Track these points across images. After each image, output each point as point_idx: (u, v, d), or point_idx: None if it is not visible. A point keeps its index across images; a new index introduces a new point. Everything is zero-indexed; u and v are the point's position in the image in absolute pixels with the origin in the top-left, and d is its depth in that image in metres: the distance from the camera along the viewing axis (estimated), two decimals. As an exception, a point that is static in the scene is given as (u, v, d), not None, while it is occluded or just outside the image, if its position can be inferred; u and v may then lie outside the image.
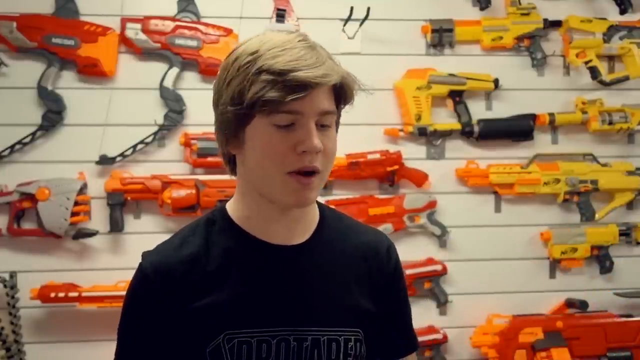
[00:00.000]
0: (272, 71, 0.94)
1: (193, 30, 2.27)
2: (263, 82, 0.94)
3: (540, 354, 2.28)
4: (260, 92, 0.94)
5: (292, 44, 0.98)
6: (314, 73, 0.94)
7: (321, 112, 0.97)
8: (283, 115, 0.95)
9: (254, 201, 1.03)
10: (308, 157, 0.96)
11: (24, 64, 2.23)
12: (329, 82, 0.96)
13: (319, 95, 0.96)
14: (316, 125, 0.97)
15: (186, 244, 1.05)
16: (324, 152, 0.97)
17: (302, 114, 0.95)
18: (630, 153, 2.51)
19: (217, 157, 2.25)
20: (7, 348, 2.14)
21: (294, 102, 0.94)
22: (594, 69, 2.42)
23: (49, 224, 2.15)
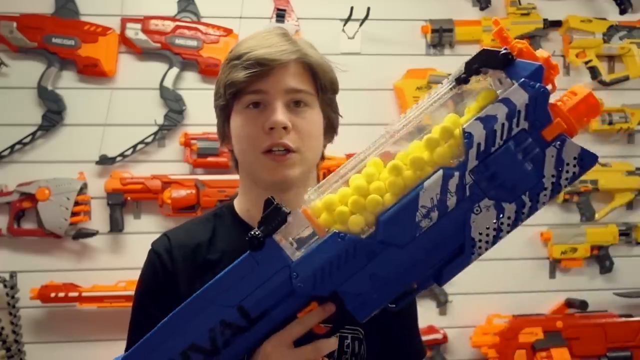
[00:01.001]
0: (236, 56, 1.01)
1: (193, 30, 2.27)
2: (230, 67, 1.01)
3: (540, 354, 2.28)
4: (227, 78, 1.01)
5: (263, 33, 1.04)
6: (269, 50, 0.98)
7: (287, 89, 1.00)
8: (249, 95, 1.00)
9: (252, 192, 1.06)
10: (276, 133, 0.98)
11: (24, 64, 2.23)
12: (284, 59, 0.98)
13: (284, 74, 0.99)
14: (288, 104, 1.00)
15: (193, 232, 1.08)
16: (297, 130, 1.00)
17: (266, 93, 0.99)
18: (630, 153, 2.51)
19: (217, 157, 2.27)
20: (7, 348, 2.14)
21: (258, 82, 0.99)
22: (594, 69, 2.42)
23: (49, 224, 2.15)
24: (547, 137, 0.76)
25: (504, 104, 0.76)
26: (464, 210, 0.77)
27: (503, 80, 0.78)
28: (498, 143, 0.76)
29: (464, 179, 0.77)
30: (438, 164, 0.78)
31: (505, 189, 0.77)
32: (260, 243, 0.80)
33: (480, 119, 0.77)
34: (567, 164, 0.77)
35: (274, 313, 0.81)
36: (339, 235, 0.78)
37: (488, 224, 0.78)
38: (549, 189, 0.77)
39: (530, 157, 0.76)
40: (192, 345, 0.82)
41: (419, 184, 0.77)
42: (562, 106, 0.78)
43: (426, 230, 0.77)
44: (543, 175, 0.77)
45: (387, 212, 0.78)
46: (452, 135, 0.78)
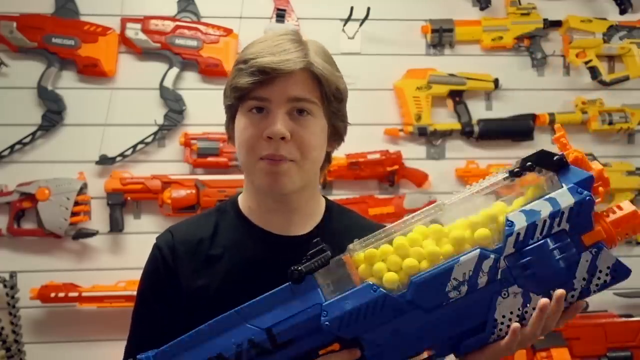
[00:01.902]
0: (243, 60, 1.01)
1: (193, 30, 2.27)
2: (236, 71, 1.02)
3: (540, 354, 2.28)
4: (232, 81, 1.02)
5: (275, 37, 1.03)
6: (273, 59, 0.98)
7: (289, 98, 0.99)
8: (251, 101, 1.00)
9: (254, 190, 1.08)
10: (274, 144, 0.99)
11: (24, 64, 2.23)
12: (288, 68, 0.98)
13: (288, 82, 0.99)
14: (291, 112, 1.00)
15: (196, 227, 1.10)
16: (296, 140, 1.00)
17: (269, 101, 0.99)
18: (630, 153, 2.51)
19: (217, 157, 2.27)
20: (7, 348, 2.14)
21: (261, 89, 0.99)
22: (594, 69, 2.42)
23: (49, 224, 2.15)
24: (586, 242, 0.82)
25: (550, 203, 0.82)
26: (492, 292, 0.82)
27: (554, 181, 0.85)
28: (537, 237, 0.82)
29: (498, 262, 0.82)
30: (477, 244, 0.84)
31: (535, 280, 0.82)
32: (301, 278, 0.85)
33: (524, 211, 0.83)
34: (600, 271, 0.83)
35: (299, 343, 0.86)
36: (372, 286, 0.83)
37: (513, 309, 0.83)
38: (577, 290, 0.83)
39: (565, 257, 0.82)
40: (219, 355, 0.87)
41: (456, 257, 0.83)
42: (606, 217, 0.84)
43: (453, 301, 0.82)
44: (575, 276, 0.82)
45: (420, 276, 0.83)
46: (496, 221, 0.84)
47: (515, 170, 0.86)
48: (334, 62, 1.07)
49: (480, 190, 0.87)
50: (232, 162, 2.23)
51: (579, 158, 0.84)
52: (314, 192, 1.11)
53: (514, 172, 0.86)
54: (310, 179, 1.06)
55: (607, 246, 0.83)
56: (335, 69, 1.06)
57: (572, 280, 0.82)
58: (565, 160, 0.84)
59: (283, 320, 0.86)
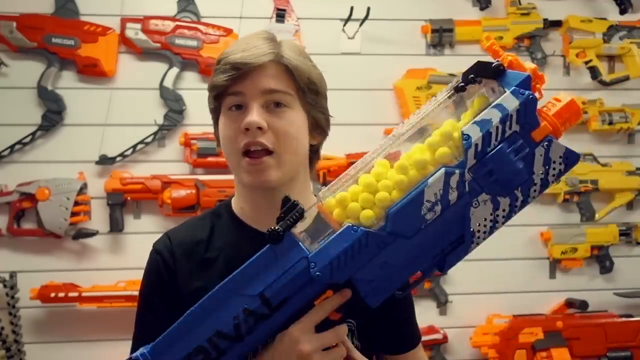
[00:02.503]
0: (217, 61, 1.06)
1: (193, 30, 2.27)
2: (214, 72, 1.06)
3: (540, 354, 2.28)
4: (210, 82, 1.07)
5: (247, 37, 1.08)
6: (244, 54, 1.02)
7: (263, 90, 1.03)
8: (229, 98, 1.04)
9: (243, 191, 1.10)
10: (251, 134, 1.01)
11: (24, 64, 2.23)
12: (258, 62, 1.02)
13: (260, 76, 1.03)
14: (267, 106, 1.03)
15: (193, 230, 1.12)
16: (274, 130, 1.02)
17: (244, 94, 1.03)
18: (630, 153, 2.51)
19: (217, 157, 2.27)
20: (7, 348, 2.14)
21: (236, 84, 1.03)
22: (594, 69, 2.42)
23: (49, 224, 2.15)
24: (536, 138, 0.86)
25: (498, 109, 0.85)
26: (464, 204, 0.86)
27: (496, 89, 0.88)
28: (493, 144, 0.85)
29: (463, 176, 0.85)
30: (439, 163, 0.86)
31: (500, 184, 0.86)
32: (280, 237, 0.87)
33: (477, 122, 0.85)
34: (554, 162, 0.87)
35: (293, 300, 0.88)
36: (352, 228, 0.85)
37: (485, 216, 0.87)
38: (538, 184, 0.87)
39: (521, 156, 0.86)
40: (218, 332, 0.88)
41: (424, 180, 0.85)
42: (548, 111, 0.88)
43: (431, 222, 0.85)
44: (533, 172, 0.86)
45: (395, 206, 0.85)
46: (452, 138, 0.87)
47: (459, 85, 0.88)
48: (308, 57, 1.09)
49: (430, 112, 0.90)
50: (232, 162, 2.23)
51: (513, 61, 0.87)
52: (303, 190, 1.12)
53: (458, 87, 0.88)
54: (294, 171, 1.08)
55: (555, 137, 0.87)
56: (308, 61, 1.08)
57: (531, 176, 0.86)
58: (502, 66, 0.87)
59: (273, 282, 0.87)
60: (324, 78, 1.11)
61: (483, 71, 0.87)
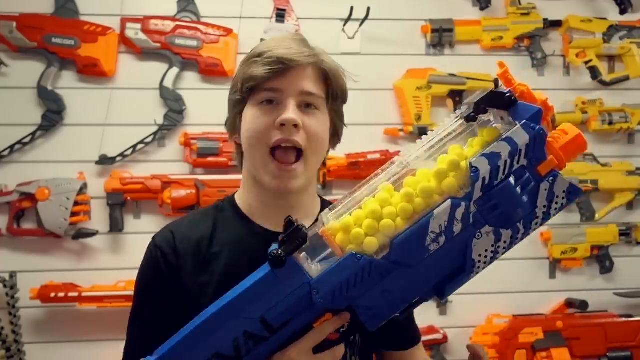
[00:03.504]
0: (257, 54, 1.06)
1: (193, 30, 2.27)
2: (249, 64, 1.06)
3: (540, 354, 2.28)
4: (247, 72, 1.06)
5: (285, 37, 1.09)
6: (289, 51, 1.03)
7: (301, 91, 1.04)
8: (264, 92, 1.04)
9: (254, 187, 1.10)
10: (286, 130, 1.02)
11: (24, 64, 2.23)
12: (302, 61, 1.03)
13: (300, 76, 1.04)
14: (300, 106, 1.04)
15: (195, 225, 1.11)
16: (306, 130, 1.03)
17: (281, 92, 1.03)
18: (630, 153, 2.51)
19: (217, 157, 2.27)
20: (7, 348, 2.14)
21: (274, 80, 1.03)
22: (594, 69, 2.42)
23: (49, 224, 2.15)
24: (542, 172, 0.87)
25: (508, 143, 0.85)
26: (467, 236, 0.87)
27: (506, 119, 0.88)
28: (500, 177, 0.86)
29: (469, 208, 0.86)
30: (445, 193, 0.87)
31: (504, 217, 0.87)
32: (282, 262, 0.87)
33: (486, 155, 0.86)
34: (557, 196, 0.87)
35: (293, 323, 0.89)
36: (356, 255, 0.86)
37: (487, 247, 0.88)
38: (540, 217, 0.88)
39: (527, 191, 0.87)
40: (217, 353, 0.89)
41: (430, 211, 0.86)
42: (554, 143, 0.88)
43: (433, 252, 0.86)
44: (536, 205, 0.88)
45: (400, 236, 0.86)
46: (459, 167, 0.87)
47: (470, 115, 0.88)
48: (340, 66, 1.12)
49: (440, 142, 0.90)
50: (232, 162, 2.23)
51: (525, 92, 0.87)
52: (312, 191, 1.14)
53: (470, 117, 0.88)
54: (313, 175, 1.10)
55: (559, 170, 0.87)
56: (341, 70, 1.11)
57: (534, 210, 0.87)
58: (514, 97, 0.86)
59: (274, 306, 0.88)
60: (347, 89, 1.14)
61: (495, 101, 0.87)
